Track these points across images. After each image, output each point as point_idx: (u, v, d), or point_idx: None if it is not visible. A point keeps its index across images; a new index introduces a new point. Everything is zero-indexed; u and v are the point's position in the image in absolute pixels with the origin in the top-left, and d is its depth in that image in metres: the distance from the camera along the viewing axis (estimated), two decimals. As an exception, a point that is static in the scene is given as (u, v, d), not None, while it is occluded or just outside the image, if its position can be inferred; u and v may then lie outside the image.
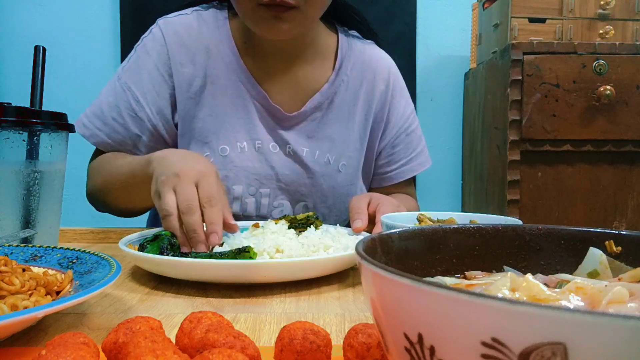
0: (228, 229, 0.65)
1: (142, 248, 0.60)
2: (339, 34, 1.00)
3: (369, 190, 1.05)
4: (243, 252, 0.54)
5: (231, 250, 0.55)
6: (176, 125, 0.92)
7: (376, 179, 1.05)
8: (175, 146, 0.93)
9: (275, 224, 0.68)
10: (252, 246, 0.56)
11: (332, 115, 0.96)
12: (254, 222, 0.71)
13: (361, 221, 0.73)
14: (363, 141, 1.00)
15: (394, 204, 0.80)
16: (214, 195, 0.62)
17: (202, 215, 0.61)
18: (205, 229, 0.61)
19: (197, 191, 0.62)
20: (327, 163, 0.95)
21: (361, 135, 0.99)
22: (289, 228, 0.67)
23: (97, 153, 0.93)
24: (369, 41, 1.04)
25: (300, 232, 0.66)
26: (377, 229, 0.73)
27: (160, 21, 0.93)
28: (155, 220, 1.11)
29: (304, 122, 0.94)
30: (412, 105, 1.06)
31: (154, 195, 0.66)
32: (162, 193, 0.63)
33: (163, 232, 0.63)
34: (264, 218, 0.93)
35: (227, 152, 0.91)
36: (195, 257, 0.55)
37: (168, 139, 0.92)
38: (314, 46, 0.96)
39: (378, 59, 1.02)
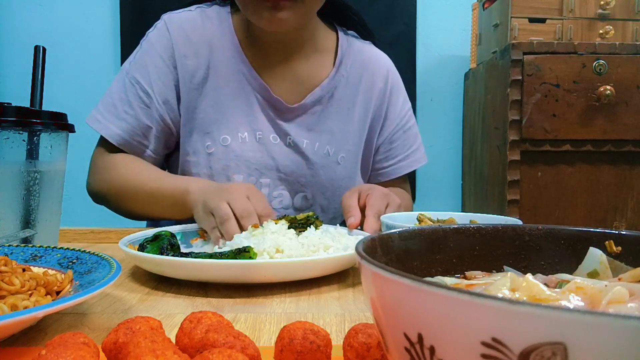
0: None
1: (142, 248, 0.60)
2: (339, 33, 1.02)
3: None
4: (243, 252, 0.54)
5: (231, 250, 0.55)
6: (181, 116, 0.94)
7: (373, 175, 1.08)
8: (177, 134, 0.95)
9: (275, 224, 0.68)
10: (252, 246, 0.56)
11: (332, 109, 0.98)
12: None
13: (354, 217, 0.75)
14: (362, 136, 1.02)
15: (383, 193, 0.81)
16: (268, 208, 0.71)
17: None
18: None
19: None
20: (326, 155, 0.97)
21: (360, 130, 1.01)
22: (288, 228, 0.67)
23: (102, 146, 0.93)
24: (367, 41, 1.06)
25: (300, 232, 0.66)
26: (368, 222, 0.74)
27: (165, 16, 0.95)
28: (155, 220, 1.11)
29: (304, 115, 0.96)
30: (410, 103, 1.09)
31: (203, 216, 0.72)
32: (215, 205, 0.69)
33: (163, 232, 0.63)
34: None
35: (228, 142, 0.92)
36: (195, 257, 0.55)
37: (174, 129, 0.94)
38: (313, 42, 0.98)
39: (376, 58, 1.04)
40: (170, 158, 1.01)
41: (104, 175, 0.91)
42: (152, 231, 0.67)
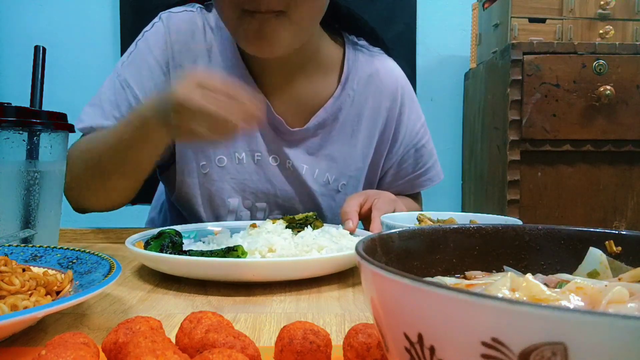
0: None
1: (147, 245, 0.61)
2: (346, 46, 0.95)
3: None
4: (231, 251, 0.55)
5: (221, 248, 0.56)
6: None
7: None
8: (173, 147, 0.90)
9: (273, 223, 0.68)
10: (246, 245, 0.57)
11: (334, 133, 0.92)
12: (252, 222, 0.71)
13: (351, 221, 0.73)
14: (366, 159, 0.96)
15: (390, 198, 0.79)
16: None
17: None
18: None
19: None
20: (326, 183, 0.93)
21: (364, 153, 0.95)
22: (286, 228, 0.67)
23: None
24: (378, 50, 0.99)
25: (298, 232, 0.66)
26: (375, 224, 0.73)
27: (164, 15, 0.90)
28: (152, 223, 1.11)
29: (306, 139, 0.91)
30: (423, 117, 1.01)
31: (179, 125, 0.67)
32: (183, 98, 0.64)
33: (167, 230, 0.63)
34: None
35: (224, 162, 0.88)
36: (190, 256, 0.56)
37: None
38: (317, 58, 0.91)
39: (385, 73, 0.97)
40: (165, 172, 0.96)
41: (74, 165, 0.78)
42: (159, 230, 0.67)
